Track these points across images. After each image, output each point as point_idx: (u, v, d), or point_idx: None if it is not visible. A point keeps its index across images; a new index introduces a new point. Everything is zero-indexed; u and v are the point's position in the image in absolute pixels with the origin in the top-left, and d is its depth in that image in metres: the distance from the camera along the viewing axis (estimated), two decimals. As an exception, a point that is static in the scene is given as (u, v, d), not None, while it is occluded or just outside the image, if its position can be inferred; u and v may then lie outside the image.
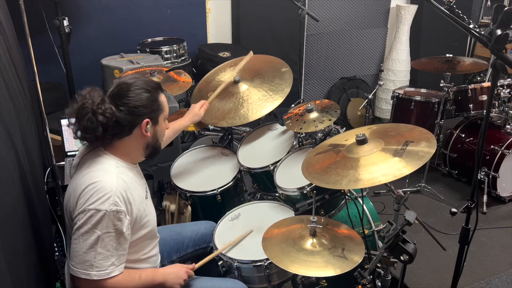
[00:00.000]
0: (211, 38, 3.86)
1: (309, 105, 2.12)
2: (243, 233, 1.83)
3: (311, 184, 1.84)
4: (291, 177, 1.96)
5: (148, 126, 1.39)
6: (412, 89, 3.42)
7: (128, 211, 1.32)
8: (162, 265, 1.69)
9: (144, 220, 1.43)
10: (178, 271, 1.52)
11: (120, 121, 1.33)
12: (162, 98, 1.46)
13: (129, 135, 1.38)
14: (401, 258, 1.32)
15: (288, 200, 1.99)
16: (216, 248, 1.75)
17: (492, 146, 2.99)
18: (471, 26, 1.32)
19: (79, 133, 1.35)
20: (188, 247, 1.82)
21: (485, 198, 3.02)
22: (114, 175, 1.32)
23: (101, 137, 1.33)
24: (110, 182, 1.29)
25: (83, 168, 1.35)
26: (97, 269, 1.26)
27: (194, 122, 2.10)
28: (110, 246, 1.28)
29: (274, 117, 2.54)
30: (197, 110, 2.08)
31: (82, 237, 1.25)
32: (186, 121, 2.05)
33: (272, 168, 2.07)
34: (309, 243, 1.56)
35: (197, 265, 1.63)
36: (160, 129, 1.48)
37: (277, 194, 2.10)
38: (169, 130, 1.98)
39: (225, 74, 2.40)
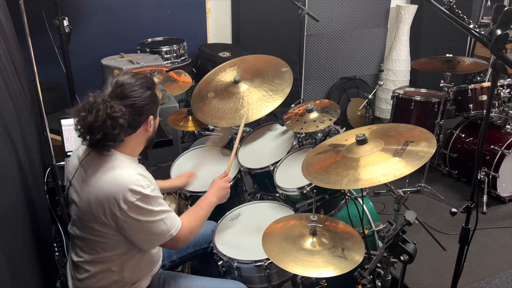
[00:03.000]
0: (211, 38, 3.86)
1: (309, 105, 2.12)
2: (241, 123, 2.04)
3: (311, 184, 1.83)
4: (291, 177, 1.96)
5: (151, 122, 1.44)
6: (412, 89, 3.42)
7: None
8: (163, 265, 1.68)
9: None
10: (220, 183, 1.74)
11: (129, 121, 1.35)
12: (158, 91, 1.51)
13: (133, 133, 1.40)
14: (401, 258, 1.32)
15: (288, 200, 1.99)
16: (216, 249, 1.75)
17: (492, 146, 2.99)
18: (471, 26, 1.32)
19: (95, 141, 1.31)
20: (189, 247, 1.82)
21: (485, 198, 3.02)
22: (132, 169, 1.36)
23: (119, 139, 1.34)
24: (135, 174, 1.34)
25: (98, 170, 1.34)
26: (172, 227, 1.39)
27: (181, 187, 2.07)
28: (165, 207, 1.39)
29: (274, 117, 2.54)
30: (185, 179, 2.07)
31: (146, 223, 1.34)
32: (176, 184, 2.04)
33: (272, 168, 2.07)
34: (309, 242, 1.56)
35: (229, 171, 1.85)
36: (157, 121, 1.54)
37: (277, 194, 2.10)
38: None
39: (225, 74, 2.40)
